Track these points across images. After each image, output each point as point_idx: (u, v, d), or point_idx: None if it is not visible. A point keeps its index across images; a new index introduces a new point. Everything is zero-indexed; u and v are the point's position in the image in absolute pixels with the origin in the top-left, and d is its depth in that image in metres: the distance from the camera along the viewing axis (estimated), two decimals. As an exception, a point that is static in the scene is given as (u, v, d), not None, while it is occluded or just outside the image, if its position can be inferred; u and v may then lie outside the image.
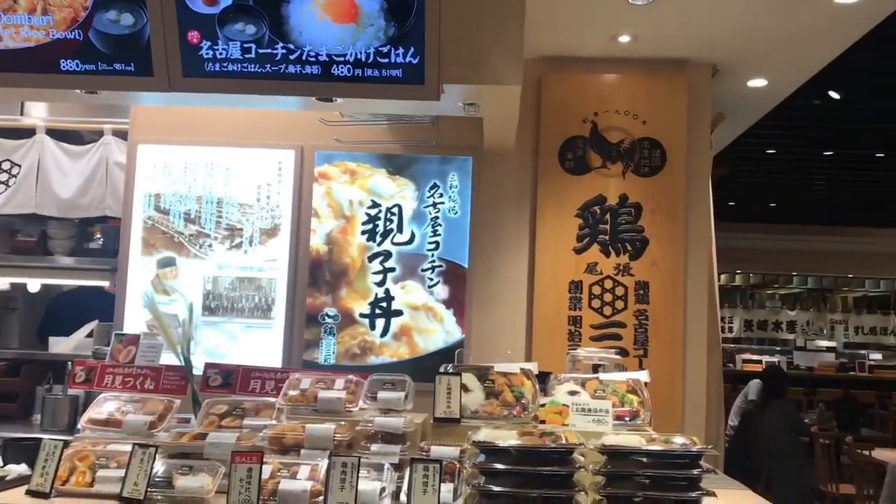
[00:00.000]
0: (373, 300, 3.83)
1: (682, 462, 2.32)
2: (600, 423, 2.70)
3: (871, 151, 7.61)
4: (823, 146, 7.55)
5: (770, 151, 7.78)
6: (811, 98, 6.08)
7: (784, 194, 9.98)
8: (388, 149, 3.89)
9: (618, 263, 3.67)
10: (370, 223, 3.87)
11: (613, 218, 3.70)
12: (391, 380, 2.77)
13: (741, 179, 9.01)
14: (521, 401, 2.78)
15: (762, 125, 6.70)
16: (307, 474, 2.35)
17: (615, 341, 3.61)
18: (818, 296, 14.91)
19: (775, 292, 15.27)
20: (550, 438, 2.40)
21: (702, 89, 3.80)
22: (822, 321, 13.90)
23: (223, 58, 2.76)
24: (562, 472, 2.32)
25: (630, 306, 3.63)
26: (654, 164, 3.70)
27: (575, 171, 3.76)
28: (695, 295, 3.65)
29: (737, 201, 10.48)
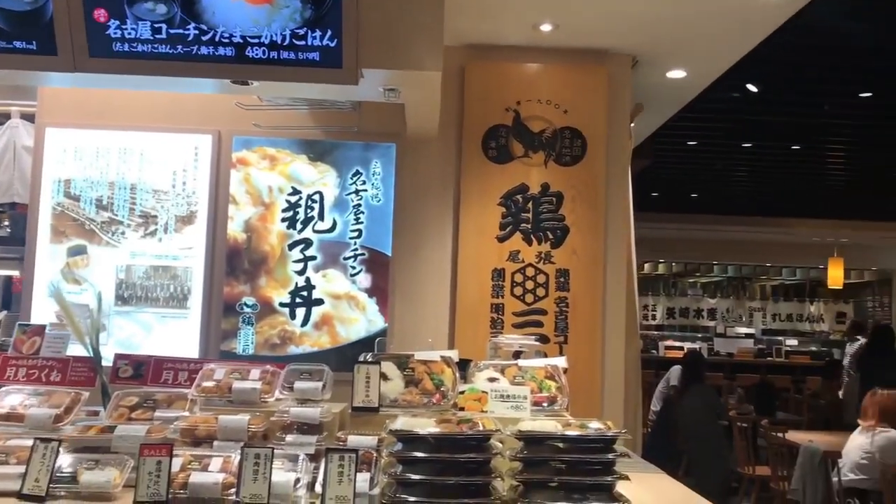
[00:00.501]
0: (293, 289, 3.77)
1: (596, 447, 2.35)
2: (518, 410, 2.72)
3: (787, 144, 7.86)
4: (742, 138, 7.76)
5: (691, 143, 7.96)
6: (730, 91, 6.24)
7: (705, 185, 10.24)
8: (309, 134, 3.83)
9: (539, 251, 3.70)
10: (290, 210, 3.80)
11: (535, 206, 3.73)
12: (308, 369, 2.73)
13: (664, 171, 9.19)
14: (440, 389, 2.77)
15: (683, 117, 6.85)
16: (219, 466, 2.29)
17: (536, 328, 3.64)
18: (738, 284, 15.40)
19: (697, 281, 15.71)
20: (468, 426, 2.40)
21: (622, 80, 3.85)
22: (741, 309, 14.36)
23: (132, 38, 2.66)
24: (478, 459, 2.32)
25: (551, 294, 3.67)
26: (575, 154, 3.74)
27: (498, 159, 3.77)
28: (614, 282, 3.71)
29: (660, 192, 10.70)
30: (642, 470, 3.03)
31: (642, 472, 3.00)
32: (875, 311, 14.50)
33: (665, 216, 11.94)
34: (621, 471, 2.34)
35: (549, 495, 2.29)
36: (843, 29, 4.99)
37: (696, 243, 13.32)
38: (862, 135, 7.44)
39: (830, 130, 7.31)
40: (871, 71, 5.69)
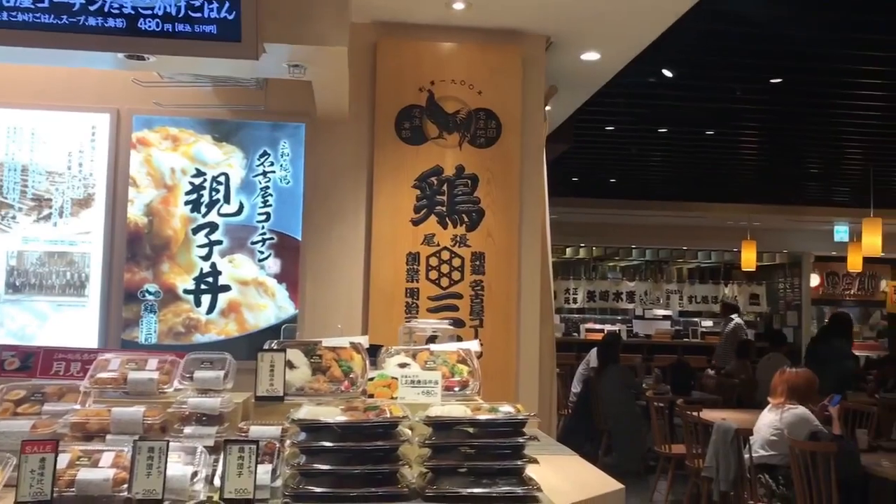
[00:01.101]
0: (198, 275, 3.61)
1: (506, 430, 2.31)
2: (429, 395, 2.66)
3: (701, 129, 8.02)
4: (658, 124, 7.87)
5: (609, 128, 8.03)
6: (646, 76, 6.30)
7: (623, 170, 10.39)
8: (214, 113, 3.66)
9: (455, 235, 3.64)
10: (194, 193, 3.64)
11: (450, 189, 3.66)
12: (210, 358, 2.62)
13: (583, 156, 9.27)
14: (349, 376, 2.69)
15: (600, 102, 6.90)
16: (111, 462, 2.16)
17: (452, 312, 3.59)
18: (655, 267, 15.76)
19: (616, 264, 16.00)
20: (374, 413, 2.33)
21: (536, 61, 3.81)
22: (658, 291, 14.69)
23: (11, 6, 2.47)
24: (385, 447, 2.26)
25: (466, 277, 3.62)
26: (489, 136, 3.69)
27: (412, 140, 3.69)
28: (529, 265, 3.68)
29: (580, 177, 10.82)
30: (555, 452, 3.02)
31: (555, 454, 2.99)
32: (786, 292, 15.05)
33: (585, 201, 12.10)
34: (532, 454, 2.31)
35: (457, 481, 2.24)
36: (753, 14, 5.08)
37: (615, 228, 13.55)
38: (773, 120, 7.64)
39: (743, 116, 7.48)
40: (782, 57, 5.82)
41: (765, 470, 5.75)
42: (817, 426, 5.58)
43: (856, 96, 6.59)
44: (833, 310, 14.97)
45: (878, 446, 5.81)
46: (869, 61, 5.75)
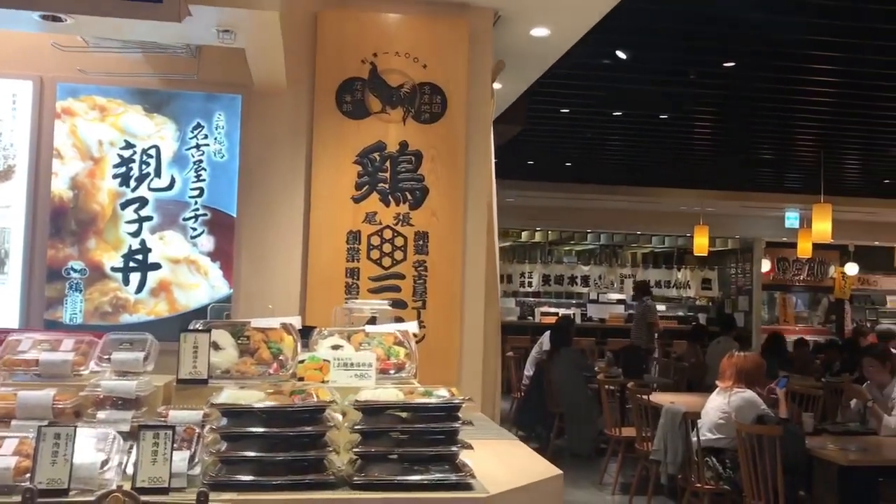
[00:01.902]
0: (126, 252, 3.44)
1: (440, 415, 2.22)
2: (363, 378, 2.55)
3: (655, 113, 7.99)
4: (613, 107, 7.82)
5: (564, 111, 7.96)
6: (600, 57, 6.23)
7: (579, 154, 10.33)
8: (144, 83, 3.48)
9: (398, 213, 3.52)
10: (123, 166, 3.45)
11: (393, 166, 3.53)
12: (130, 339, 2.47)
13: (538, 138, 9.20)
14: (278, 358, 2.57)
15: (555, 84, 6.81)
16: (13, 449, 2.01)
17: (394, 293, 3.47)
18: (610, 252, 15.83)
19: (572, 248, 16.04)
20: (300, 397, 2.22)
21: (483, 35, 3.69)
22: (613, 275, 14.76)
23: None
24: (311, 433, 2.15)
25: (409, 257, 3.50)
26: (434, 111, 3.56)
27: (353, 114, 3.55)
28: (474, 245, 3.58)
29: (536, 160, 10.75)
30: (497, 437, 2.94)
31: (496, 439, 2.91)
32: (738, 277, 15.24)
33: (541, 184, 12.06)
34: (473, 439, 2.23)
35: (388, 468, 2.14)
36: (706, -5, 5.03)
37: (570, 212, 13.55)
38: (726, 105, 7.63)
39: (696, 100, 7.45)
40: (735, 40, 5.78)
41: (712, 453, 5.77)
42: (764, 409, 5.60)
43: (808, 82, 6.60)
44: (783, 295, 15.23)
45: (824, 429, 5.87)
46: (821, 46, 5.75)
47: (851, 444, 5.26)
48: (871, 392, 6.08)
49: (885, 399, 5.96)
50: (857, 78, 6.35)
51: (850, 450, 5.14)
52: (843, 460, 5.04)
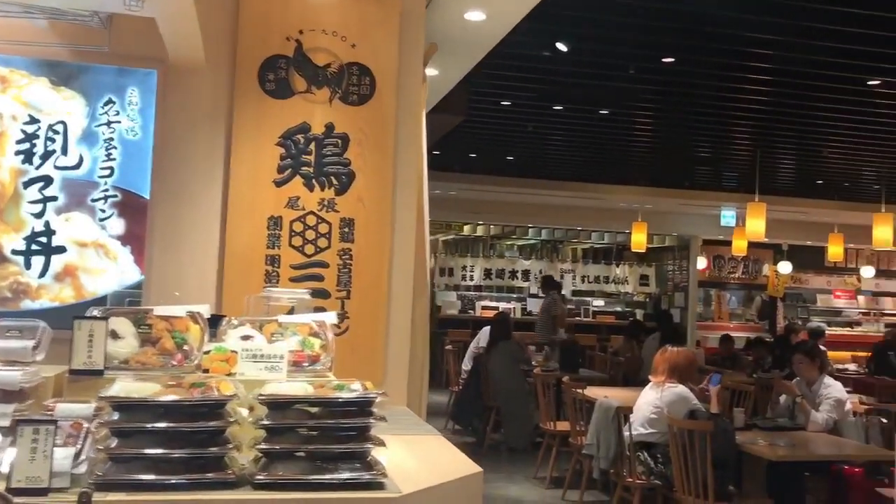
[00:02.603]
0: (29, 234, 3.21)
1: (351, 410, 2.09)
2: (273, 371, 2.40)
3: (595, 108, 7.97)
4: (553, 101, 7.76)
5: (505, 103, 7.87)
6: (540, 49, 6.15)
7: (520, 148, 10.29)
8: (51, 53, 3.25)
9: (322, 198, 3.36)
10: (26, 142, 3.22)
11: (318, 149, 3.38)
12: (19, 326, 2.29)
13: (479, 131, 9.11)
14: (182, 348, 2.41)
15: (496, 75, 6.72)
16: None
17: (317, 282, 3.32)
18: (551, 247, 15.89)
19: (513, 243, 16.04)
20: (199, 390, 2.07)
21: (415, 16, 3.55)
22: (553, 270, 14.81)
23: None
24: (210, 428, 2.00)
25: (334, 245, 3.35)
26: (363, 93, 3.41)
27: (277, 94, 3.38)
28: (403, 234, 3.45)
29: (478, 153, 10.67)
30: (418, 432, 2.83)
31: (417, 434, 2.80)
32: (675, 273, 15.43)
33: (483, 178, 12.00)
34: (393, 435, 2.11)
35: (294, 467, 2.01)
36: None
37: (513, 206, 13.53)
38: (665, 102, 7.64)
39: (636, 96, 7.44)
40: (674, 34, 5.76)
41: (644, 447, 5.76)
42: (696, 405, 5.61)
43: (745, 80, 6.65)
44: (718, 292, 15.48)
45: (754, 425, 5.91)
46: (758, 44, 5.77)
47: (780, 440, 5.30)
48: (801, 388, 6.15)
49: (814, 395, 6.04)
50: (793, 77, 6.41)
51: (779, 445, 5.18)
52: (772, 455, 5.07)
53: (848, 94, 6.65)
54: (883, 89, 6.40)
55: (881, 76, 6.07)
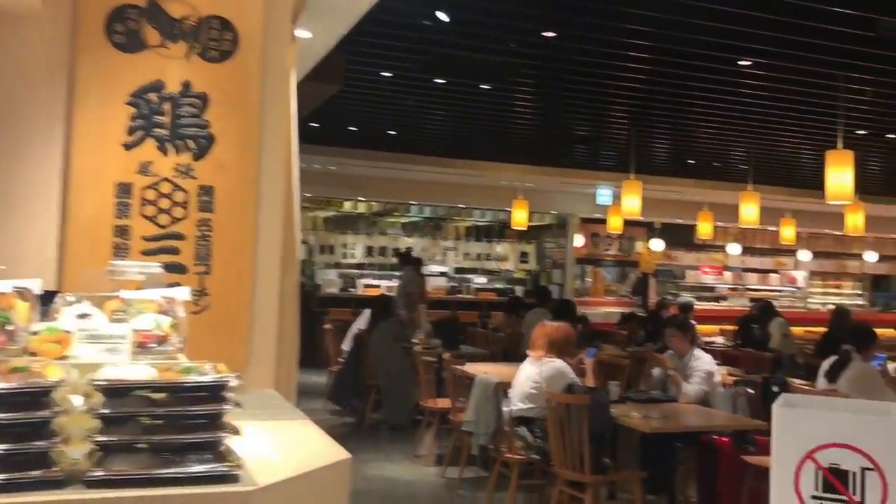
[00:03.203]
0: None
1: (201, 396, 1.87)
2: (114, 353, 2.14)
3: (477, 82, 7.88)
4: (435, 73, 7.62)
5: (385, 74, 7.66)
6: (422, 18, 5.98)
7: (402, 123, 10.10)
8: None
9: (178, 164, 3.06)
10: None
11: (174, 109, 3.07)
12: None
13: (359, 103, 8.86)
14: (5, 328, 2.10)
15: (376, 44, 6.50)
16: None
17: (172, 255, 3.03)
18: (434, 224, 15.84)
19: (396, 220, 15.89)
20: (20, 376, 1.80)
21: (283, -33, 3.29)
22: (436, 248, 14.78)
23: None
24: (33, 419, 1.74)
25: (192, 215, 3.06)
26: (224, 49, 3.12)
27: (126, 47, 3.04)
28: (269, 204, 3.20)
29: (358, 127, 10.41)
30: (284, 417, 2.62)
31: (283, 419, 2.59)
32: (553, 251, 15.73)
33: (364, 153, 11.75)
34: (258, 420, 1.90)
35: (134, 460, 1.77)
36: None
37: (395, 182, 13.36)
38: (545, 78, 7.64)
39: (517, 71, 7.39)
40: (555, 8, 5.71)
41: (523, 423, 5.76)
42: (573, 379, 5.65)
43: (622, 57, 6.71)
44: (594, 269, 15.89)
45: (628, 397, 6.01)
46: (636, 20, 5.81)
47: (653, 412, 5.40)
48: (673, 361, 6.31)
49: (685, 368, 6.21)
50: (668, 56, 6.51)
51: (653, 417, 5.27)
52: (646, 427, 5.15)
53: (720, 75, 6.84)
54: (753, 70, 6.61)
55: (752, 56, 6.25)
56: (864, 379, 5.71)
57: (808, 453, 1.79)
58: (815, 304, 17.40)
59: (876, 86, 6.79)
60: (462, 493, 6.55)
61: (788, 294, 16.93)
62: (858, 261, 17.64)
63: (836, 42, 5.71)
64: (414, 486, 6.75)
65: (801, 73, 6.56)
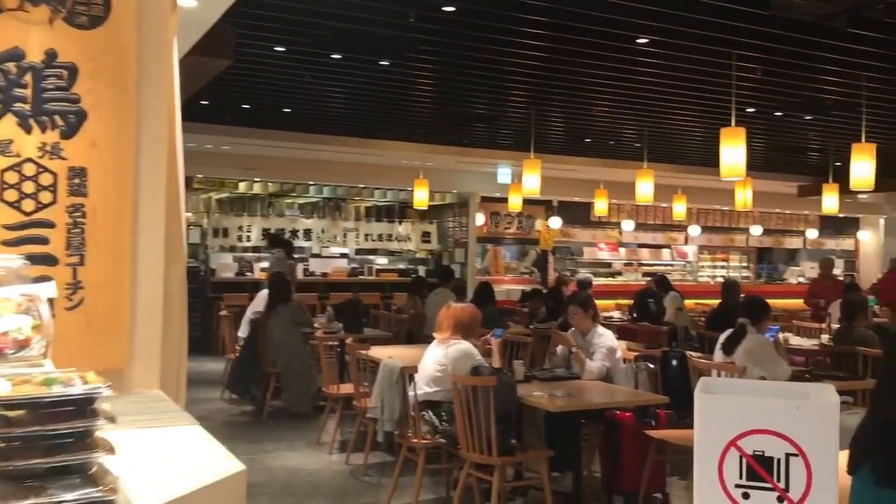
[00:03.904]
0: None
1: (66, 412, 1.63)
2: (-37, 361, 1.86)
3: (376, 59, 7.64)
4: (331, 48, 7.33)
5: (279, 49, 7.32)
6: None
7: (298, 100, 9.74)
8: None
9: (43, 143, 2.74)
10: None
11: (37, 81, 2.74)
12: None
13: (252, 79, 8.47)
14: None
15: (267, 17, 6.17)
16: None
17: (40, 246, 2.72)
18: (334, 205, 15.52)
19: (294, 201, 15.47)
20: None
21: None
22: (336, 229, 14.48)
23: None
24: None
25: (61, 200, 2.75)
26: (94, 14, 2.81)
27: (-22, 11, 2.69)
28: (151, 187, 2.92)
29: (252, 104, 9.98)
30: (170, 422, 2.38)
31: (169, 425, 2.35)
32: (455, 230, 15.69)
33: (260, 132, 11.33)
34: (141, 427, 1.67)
35: (-21, 492, 1.52)
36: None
37: (292, 162, 12.98)
38: (445, 54, 7.48)
39: (416, 47, 7.20)
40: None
41: (429, 407, 5.65)
42: (479, 360, 5.57)
43: (521, 34, 6.62)
44: (495, 248, 15.97)
45: (533, 376, 5.99)
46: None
47: (558, 390, 5.39)
48: (576, 338, 6.33)
49: (588, 345, 6.24)
50: (566, 33, 6.47)
51: (557, 396, 5.26)
52: (552, 407, 5.14)
53: (618, 52, 6.85)
54: (650, 48, 6.65)
55: (650, 34, 6.28)
56: (759, 350, 5.88)
57: (732, 440, 1.72)
58: (705, 277, 18.08)
59: (766, 64, 6.97)
60: (367, 480, 6.42)
61: (679, 268, 17.51)
62: (744, 234, 18.43)
63: (729, 20, 5.78)
64: (317, 474, 6.57)
65: (695, 50, 6.64)
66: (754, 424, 1.69)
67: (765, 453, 1.69)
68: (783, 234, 19.04)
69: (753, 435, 1.71)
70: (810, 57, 6.73)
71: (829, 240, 19.74)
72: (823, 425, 1.65)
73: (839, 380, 6.30)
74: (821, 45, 6.36)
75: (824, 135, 10.62)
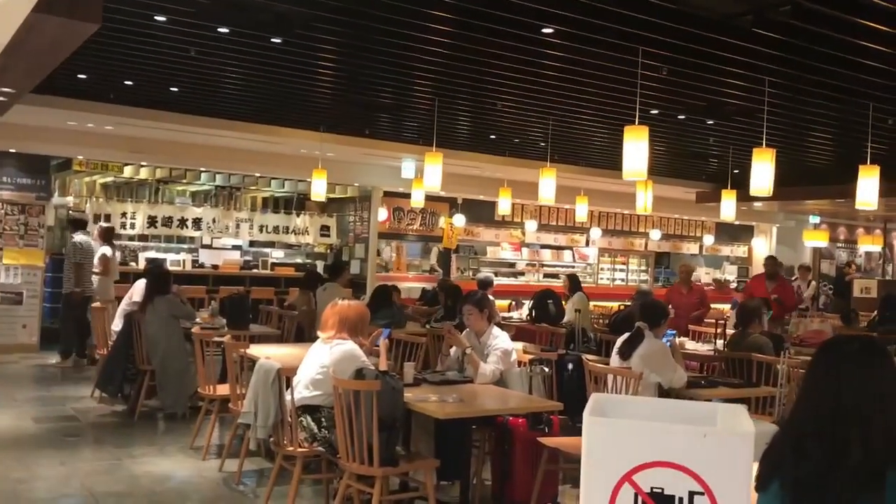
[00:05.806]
0: None
1: None
2: None
3: (267, 34, 7.09)
4: (218, 21, 6.74)
5: (160, 18, 6.67)
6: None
7: (187, 79, 9.03)
8: None
9: None
10: None
11: None
12: None
13: (132, 54, 7.76)
14: None
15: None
16: None
17: None
18: (227, 194, 14.79)
19: (185, 188, 14.65)
20: None
21: None
22: (229, 219, 13.78)
23: None
24: None
25: None
26: None
27: None
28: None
29: (134, 80, 9.23)
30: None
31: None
32: (356, 225, 15.21)
33: (146, 112, 10.56)
34: None
35: None
36: None
37: (181, 146, 12.22)
38: (346, 34, 6.99)
39: (312, 23, 6.68)
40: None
41: (307, 412, 5.23)
42: (364, 362, 5.19)
43: (427, 17, 6.23)
44: (398, 244, 15.58)
45: (423, 379, 5.65)
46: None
47: (449, 395, 5.07)
48: (470, 339, 6.02)
49: (483, 346, 5.94)
50: (472, 18, 6.12)
51: (448, 402, 4.94)
52: (441, 414, 4.81)
53: (523, 43, 6.56)
54: (556, 39, 6.38)
55: (556, 24, 6.01)
56: (656, 356, 5.71)
57: (626, 474, 1.38)
58: (605, 280, 18.22)
59: (671, 63, 6.82)
60: (241, 489, 5.94)
61: (580, 270, 17.55)
62: (644, 238, 18.67)
63: (636, 12, 5.57)
64: (187, 483, 6.03)
65: (601, 44, 6.42)
66: (653, 455, 1.36)
67: (664, 491, 1.37)
68: (681, 240, 19.40)
69: (652, 468, 1.38)
70: (715, 57, 6.61)
71: (724, 246, 20.25)
72: (734, 459, 1.34)
73: (734, 386, 6.22)
74: (725, 44, 6.24)
75: (725, 140, 10.69)
